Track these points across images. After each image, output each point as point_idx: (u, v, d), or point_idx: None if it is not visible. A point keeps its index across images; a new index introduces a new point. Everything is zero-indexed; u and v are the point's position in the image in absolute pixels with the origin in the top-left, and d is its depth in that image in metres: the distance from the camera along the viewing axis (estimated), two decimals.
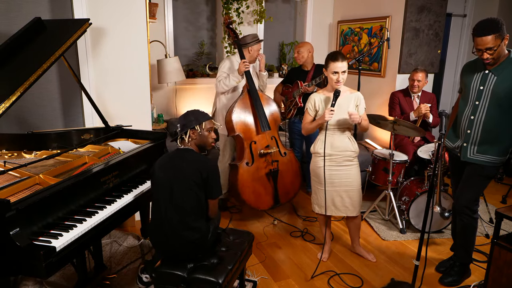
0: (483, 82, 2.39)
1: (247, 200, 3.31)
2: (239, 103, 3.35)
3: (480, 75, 2.41)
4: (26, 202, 1.70)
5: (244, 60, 3.36)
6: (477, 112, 2.42)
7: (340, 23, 5.15)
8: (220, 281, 1.94)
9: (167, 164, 2.12)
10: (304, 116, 2.81)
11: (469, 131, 2.47)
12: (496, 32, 2.19)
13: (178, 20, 4.77)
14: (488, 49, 2.23)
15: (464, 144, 2.50)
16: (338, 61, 2.56)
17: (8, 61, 2.30)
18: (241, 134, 3.32)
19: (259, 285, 2.67)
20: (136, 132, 2.91)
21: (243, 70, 3.34)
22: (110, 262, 2.81)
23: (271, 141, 3.40)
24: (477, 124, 2.43)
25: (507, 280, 2.25)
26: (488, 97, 2.37)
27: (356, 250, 3.05)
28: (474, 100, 2.43)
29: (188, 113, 2.17)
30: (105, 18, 3.05)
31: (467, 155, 2.50)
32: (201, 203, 2.08)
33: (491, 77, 2.35)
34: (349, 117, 2.58)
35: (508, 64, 2.32)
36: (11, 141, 2.59)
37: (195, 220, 2.06)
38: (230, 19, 3.61)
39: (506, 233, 2.49)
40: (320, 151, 2.72)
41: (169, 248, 2.08)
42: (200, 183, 2.04)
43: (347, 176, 2.74)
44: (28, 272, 1.68)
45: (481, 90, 2.39)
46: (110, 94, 3.19)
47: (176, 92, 4.69)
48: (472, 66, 2.52)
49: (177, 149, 2.17)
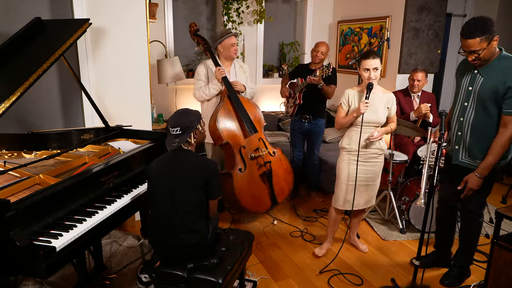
0: (472, 83, 2.33)
1: (246, 206, 3.25)
2: (221, 111, 3.21)
3: (469, 75, 2.36)
4: (26, 202, 1.70)
5: (219, 67, 3.23)
6: (466, 114, 2.36)
7: (340, 23, 5.15)
8: (220, 281, 1.94)
9: (166, 167, 2.08)
10: (337, 110, 2.84)
11: (460, 133, 2.42)
12: (483, 34, 2.11)
13: (178, 20, 4.77)
14: (472, 52, 2.17)
15: (456, 146, 2.46)
16: (369, 58, 2.59)
17: (8, 61, 2.30)
18: (230, 141, 3.21)
19: (259, 285, 2.67)
20: (136, 132, 2.91)
21: (220, 77, 3.21)
22: (110, 262, 2.81)
23: (259, 143, 3.32)
24: (466, 126, 2.37)
25: (507, 280, 2.25)
26: (476, 99, 2.30)
27: (351, 240, 3.18)
28: (463, 101, 2.38)
29: (186, 113, 2.11)
30: (105, 18, 3.05)
31: (459, 158, 2.45)
32: (202, 204, 2.08)
33: (479, 77, 2.29)
34: (369, 139, 2.66)
35: (496, 65, 2.24)
36: (11, 141, 2.59)
37: (195, 221, 2.06)
38: (196, 26, 3.43)
39: (506, 233, 2.49)
40: (347, 146, 2.76)
41: (168, 249, 2.08)
42: (202, 184, 2.03)
43: (372, 172, 2.80)
44: (28, 272, 1.68)
45: (470, 91, 2.34)
46: (110, 94, 3.19)
47: (176, 92, 4.69)
48: (465, 65, 2.44)
49: (174, 151, 2.11)
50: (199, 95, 3.35)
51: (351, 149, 2.75)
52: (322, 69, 3.36)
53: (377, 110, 2.69)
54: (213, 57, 3.33)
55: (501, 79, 2.19)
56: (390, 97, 2.76)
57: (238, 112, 3.25)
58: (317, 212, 3.79)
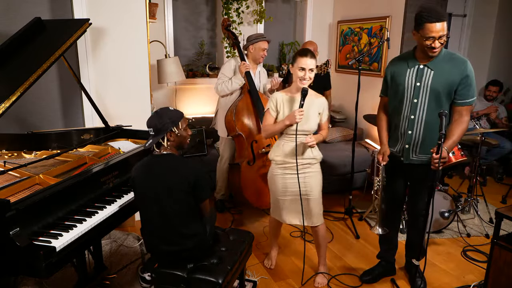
0: (419, 78, 2.25)
1: (249, 199, 3.32)
2: (240, 103, 3.35)
3: (413, 70, 2.27)
4: (26, 202, 1.70)
5: (244, 62, 3.35)
6: (417, 111, 2.28)
7: (340, 23, 5.15)
8: (220, 281, 1.94)
9: (146, 174, 1.97)
10: (264, 116, 2.55)
11: (410, 132, 2.33)
12: (446, 18, 2.08)
13: (178, 20, 4.77)
14: (441, 37, 2.09)
15: (406, 146, 2.37)
16: (307, 57, 2.34)
17: (8, 61, 2.30)
18: (242, 133, 3.32)
19: (259, 285, 2.67)
20: (136, 132, 2.91)
21: (244, 71, 3.34)
22: (110, 262, 2.81)
23: (271, 140, 3.41)
24: (419, 123, 2.30)
25: (507, 280, 2.25)
26: (427, 94, 2.24)
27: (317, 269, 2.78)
28: (411, 98, 2.28)
29: (160, 115, 1.95)
30: (105, 18, 3.05)
31: (410, 157, 2.37)
32: (192, 208, 1.98)
33: (428, 72, 2.22)
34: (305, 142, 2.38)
35: (443, 58, 2.22)
36: (11, 141, 2.59)
37: (190, 226, 1.98)
38: (229, 21, 3.59)
39: (506, 233, 2.49)
40: (276, 158, 2.51)
41: (167, 255, 2.03)
42: (187, 190, 1.91)
43: (308, 184, 2.51)
44: (28, 272, 1.68)
45: (418, 87, 2.25)
46: (110, 94, 3.19)
47: (176, 92, 4.69)
48: (400, 61, 2.36)
49: (152, 155, 2.00)
50: (221, 88, 3.45)
51: (285, 161, 2.48)
52: (320, 67, 3.38)
53: (309, 117, 2.43)
54: (240, 52, 3.45)
55: (456, 71, 2.19)
56: (322, 102, 2.50)
57: (256, 107, 3.37)
58: None
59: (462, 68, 2.20)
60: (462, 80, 2.20)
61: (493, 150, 4.53)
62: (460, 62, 2.22)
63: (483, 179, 4.69)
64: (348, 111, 5.06)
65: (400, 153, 2.43)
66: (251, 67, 3.47)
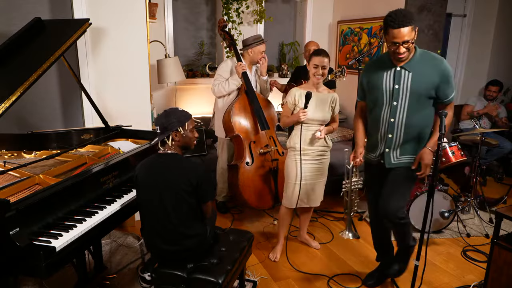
0: (398, 80, 2.22)
1: (248, 200, 3.30)
2: (237, 104, 3.34)
3: (391, 73, 2.24)
4: (26, 202, 1.69)
5: (240, 63, 3.33)
6: (397, 114, 2.25)
7: (340, 23, 5.15)
8: (220, 281, 1.94)
9: (150, 173, 1.99)
10: (283, 109, 2.92)
11: (391, 135, 2.30)
12: (412, 23, 2.05)
13: (178, 20, 4.77)
14: (405, 42, 2.08)
15: (387, 150, 2.34)
16: (320, 56, 2.69)
17: (8, 61, 2.30)
18: (240, 134, 3.31)
19: (259, 285, 2.67)
20: (136, 132, 2.91)
21: (241, 72, 3.32)
22: (110, 262, 2.81)
23: (269, 141, 3.40)
24: (399, 126, 2.27)
25: (507, 280, 2.25)
26: (407, 96, 2.21)
27: (302, 238, 3.24)
28: (391, 101, 2.25)
29: (168, 114, 2.00)
30: (105, 18, 3.05)
31: (392, 161, 2.34)
32: (194, 208, 2.00)
33: (405, 74, 2.20)
34: (315, 135, 2.74)
35: (420, 58, 2.21)
36: (11, 141, 2.59)
37: (191, 226, 2.00)
38: (224, 22, 3.56)
39: (506, 233, 2.49)
40: (295, 145, 2.81)
41: (167, 255, 2.04)
42: (190, 190, 1.93)
43: (320, 169, 2.88)
44: (28, 272, 1.68)
45: (397, 89, 2.22)
46: (110, 94, 3.19)
47: (176, 92, 4.69)
48: (376, 65, 2.34)
49: (158, 155, 2.02)
50: (218, 90, 3.44)
51: (304, 149, 2.79)
52: (335, 74, 3.33)
53: (323, 109, 2.78)
54: (237, 53, 3.44)
55: (435, 71, 2.18)
56: (334, 97, 2.85)
57: (253, 107, 3.37)
58: (317, 212, 3.78)
59: (442, 68, 2.20)
60: (442, 80, 2.19)
61: (493, 150, 4.53)
62: (438, 61, 2.22)
63: (483, 179, 4.69)
64: (348, 111, 5.05)
65: (380, 157, 2.40)
66: (248, 68, 3.46)
